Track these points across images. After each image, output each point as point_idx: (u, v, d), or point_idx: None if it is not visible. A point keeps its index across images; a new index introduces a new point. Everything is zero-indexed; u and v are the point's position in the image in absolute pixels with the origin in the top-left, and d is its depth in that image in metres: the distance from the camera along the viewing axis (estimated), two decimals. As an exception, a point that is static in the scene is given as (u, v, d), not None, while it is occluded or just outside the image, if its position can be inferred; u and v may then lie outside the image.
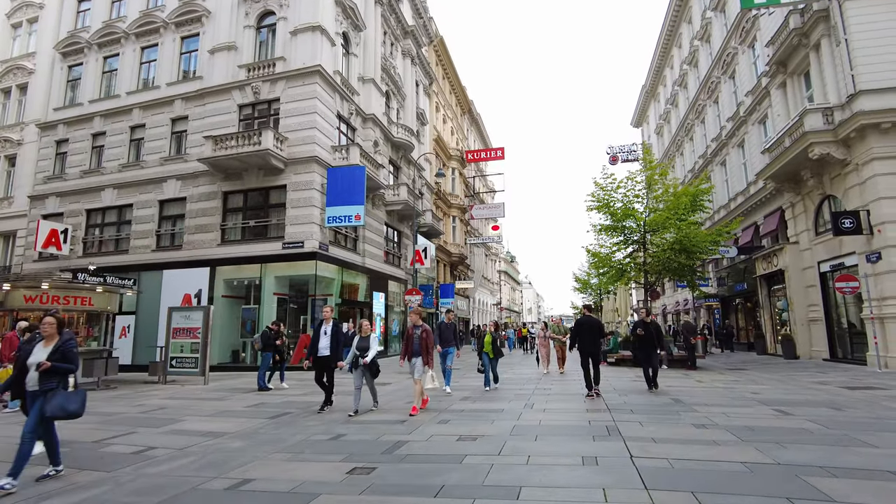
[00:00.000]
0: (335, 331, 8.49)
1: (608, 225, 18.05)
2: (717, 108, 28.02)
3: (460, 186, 41.47)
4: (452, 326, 11.17)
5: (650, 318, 10.70)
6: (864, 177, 14.63)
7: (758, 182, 22.22)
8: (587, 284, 39.96)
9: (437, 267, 34.12)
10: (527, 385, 11.28)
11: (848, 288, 14.16)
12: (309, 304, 18.48)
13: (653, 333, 10.25)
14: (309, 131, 18.63)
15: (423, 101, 33.16)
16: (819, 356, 17.53)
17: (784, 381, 11.46)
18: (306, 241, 17.68)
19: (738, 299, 26.28)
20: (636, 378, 12.54)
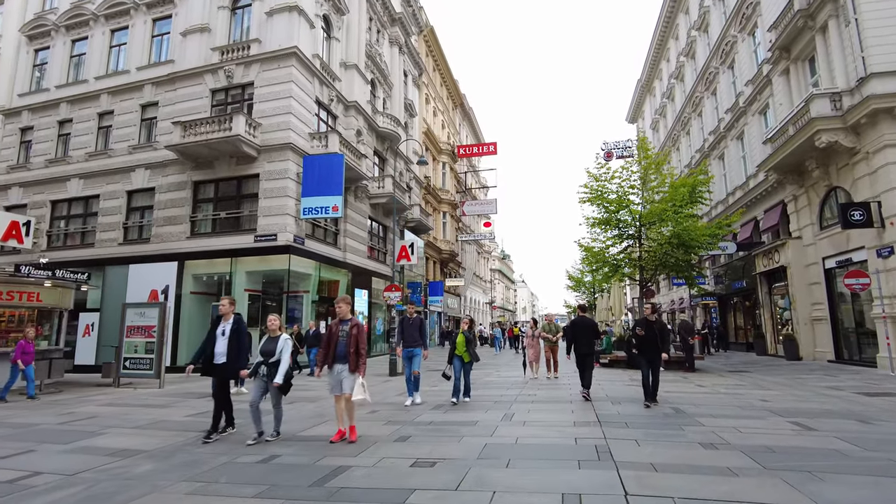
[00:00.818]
0: (236, 330, 6.48)
1: (602, 218, 16.99)
2: (716, 100, 27.04)
3: (451, 182, 40.39)
4: (418, 322, 9.29)
5: (655, 316, 8.53)
6: (875, 166, 13.64)
7: (758, 175, 21.25)
8: (580, 282, 38.95)
9: (425, 264, 33.03)
10: (510, 390, 10.20)
11: (858, 285, 13.18)
12: (284, 302, 17.37)
13: (656, 335, 8.16)
14: (284, 117, 17.47)
15: (412, 93, 32.05)
16: (823, 357, 16.56)
17: (793, 386, 10.44)
18: (280, 233, 16.54)
19: (736, 298, 25.32)
20: (631, 381, 11.49)
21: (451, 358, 8.99)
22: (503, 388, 10.68)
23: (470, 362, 8.94)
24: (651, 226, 16.40)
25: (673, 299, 35.75)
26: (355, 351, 5.89)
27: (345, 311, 6.22)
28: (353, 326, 6.03)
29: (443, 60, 39.42)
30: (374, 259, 23.90)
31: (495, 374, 13.91)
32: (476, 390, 10.27)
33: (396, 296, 14.98)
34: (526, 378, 12.46)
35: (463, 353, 8.84)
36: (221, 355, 6.31)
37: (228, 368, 6.32)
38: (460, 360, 8.86)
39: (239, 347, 6.39)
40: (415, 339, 9.11)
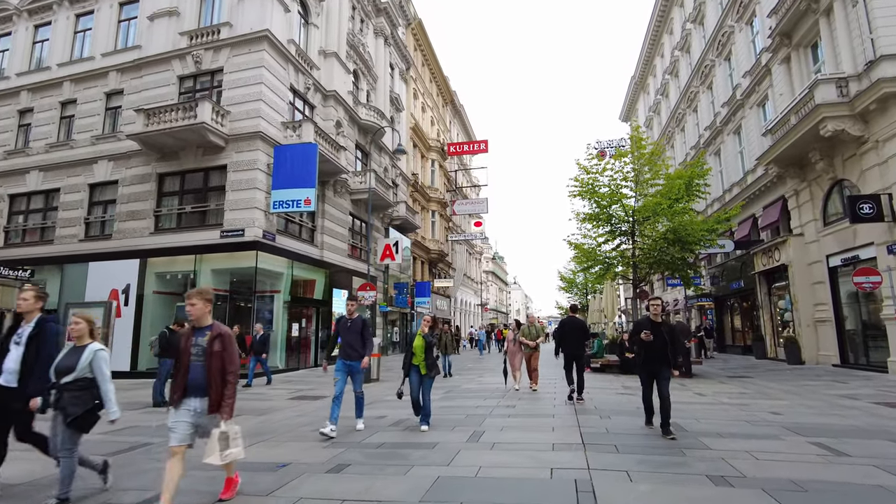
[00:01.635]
0: (36, 337, 4.21)
1: (593, 213, 15.93)
2: (712, 94, 26.12)
3: (441, 179, 39.31)
4: (360, 325, 6.77)
5: (663, 316, 6.51)
6: (886, 155, 12.67)
7: (756, 170, 20.31)
8: (573, 283, 37.95)
9: (412, 264, 31.90)
10: (487, 400, 9.08)
11: (868, 283, 12.18)
12: (254, 302, 16.20)
13: (666, 341, 6.07)
14: (254, 104, 16.34)
15: (400, 87, 30.96)
16: (828, 361, 15.58)
17: (801, 395, 9.41)
18: (247, 228, 15.38)
19: (734, 299, 24.35)
20: (624, 389, 10.42)
21: (407, 369, 6.77)
22: (480, 397, 9.56)
23: (428, 375, 6.64)
24: (645, 221, 15.36)
25: (668, 301, 34.79)
26: (219, 378, 3.74)
27: (200, 313, 3.89)
28: (215, 339, 3.80)
29: (432, 55, 38.36)
30: (357, 258, 22.75)
31: (477, 380, 12.82)
32: (450, 401, 9.18)
33: (372, 295, 13.88)
34: (507, 387, 10.98)
35: (421, 362, 6.66)
36: (11, 374, 4.12)
37: (16, 394, 4.08)
38: (417, 374, 6.68)
39: (38, 362, 4.12)
40: (354, 349, 6.63)
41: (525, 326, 10.94)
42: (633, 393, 9.66)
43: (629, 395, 9.48)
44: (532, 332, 10.69)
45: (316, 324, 18.57)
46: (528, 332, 10.73)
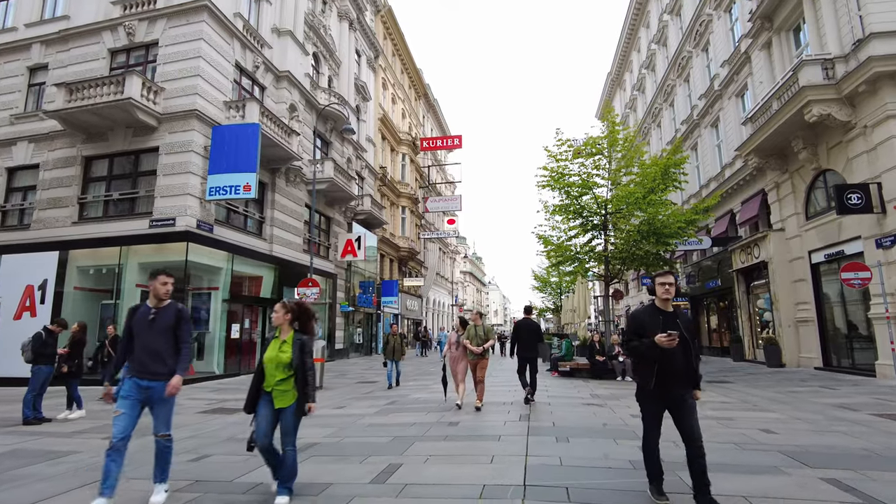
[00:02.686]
0: None
1: (562, 204, 14.68)
2: (688, 87, 25.26)
3: (412, 175, 37.84)
4: (170, 318, 4.07)
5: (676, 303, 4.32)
6: (875, 141, 11.68)
7: (734, 164, 19.39)
8: (546, 283, 36.87)
9: (380, 262, 30.40)
10: (428, 415, 7.55)
11: (857, 279, 11.15)
12: (188, 300, 14.54)
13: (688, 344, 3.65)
14: (191, 80, 14.68)
15: (367, 75, 29.43)
16: (809, 364, 14.61)
17: (791, 404, 8.26)
18: (179, 217, 13.73)
19: (710, 298, 23.44)
20: (592, 398, 9.14)
21: (252, 400, 4.01)
22: (423, 410, 8.09)
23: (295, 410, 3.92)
24: (618, 213, 14.16)
25: (642, 301, 33.93)
26: None
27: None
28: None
29: (403, 45, 36.90)
30: (315, 253, 21.13)
31: (430, 387, 11.37)
32: (385, 416, 7.73)
33: (314, 292, 12.39)
34: (448, 402, 8.74)
35: (276, 387, 3.88)
36: None
37: None
38: (269, 407, 3.91)
39: None
40: (156, 360, 3.93)
41: (471, 326, 8.48)
42: (601, 404, 8.37)
43: (597, 405, 8.19)
44: (479, 334, 8.32)
45: (263, 325, 16.95)
46: (473, 333, 8.36)
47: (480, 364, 8.31)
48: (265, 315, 17.07)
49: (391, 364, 11.81)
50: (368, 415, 7.71)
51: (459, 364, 8.42)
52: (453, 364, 8.48)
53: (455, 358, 8.46)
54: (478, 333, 8.38)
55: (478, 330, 8.44)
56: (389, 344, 11.83)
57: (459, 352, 8.41)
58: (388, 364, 11.83)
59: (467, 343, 8.29)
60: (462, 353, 8.40)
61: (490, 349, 8.47)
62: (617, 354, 12.57)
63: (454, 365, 8.47)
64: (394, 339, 11.81)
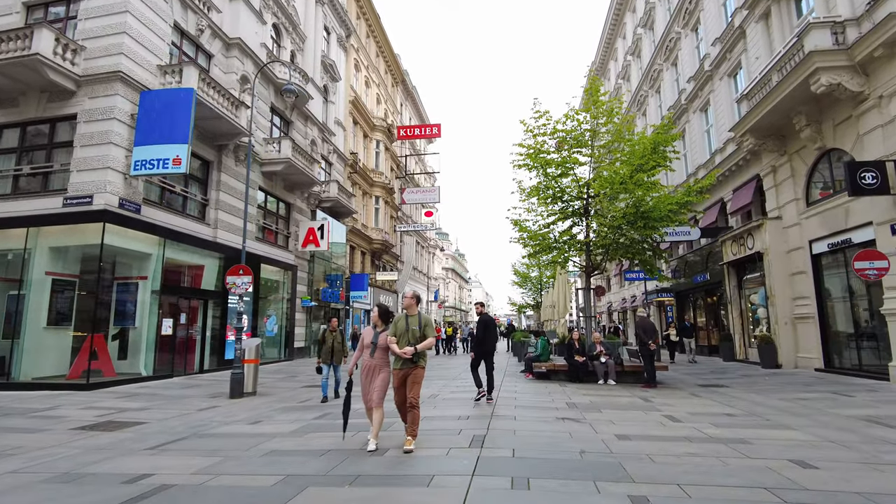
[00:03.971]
0: None
1: (540, 185, 13.05)
2: (676, 71, 23.89)
3: (387, 163, 36.02)
4: None
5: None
6: (893, 113, 10.26)
7: (725, 149, 18.04)
8: (526, 278, 35.37)
9: (350, 253, 28.57)
10: (348, 442, 5.45)
11: (873, 270, 9.72)
12: (113, 291, 12.65)
13: None
14: (115, 38, 12.74)
15: (337, 54, 27.52)
16: (809, 365, 13.25)
17: (807, 415, 6.76)
18: (97, 194, 11.82)
19: (697, 293, 22.11)
20: (568, 410, 7.53)
21: None
22: (351, 430, 5.64)
23: None
24: (602, 195, 12.58)
25: (625, 297, 32.67)
26: None
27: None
28: None
29: (379, 27, 35.00)
30: (272, 242, 19.29)
31: None
32: (302, 437, 5.98)
33: (245, 281, 10.63)
34: (345, 439, 5.61)
35: None
36: None
37: None
38: None
39: None
40: None
41: (400, 317, 5.51)
42: (579, 418, 6.76)
43: (573, 420, 6.58)
44: (411, 329, 5.33)
45: (203, 319, 15.06)
46: (404, 327, 5.35)
47: (413, 377, 5.22)
48: (207, 308, 15.19)
49: (327, 369, 9.18)
50: (280, 435, 5.99)
51: (376, 378, 5.31)
52: (366, 378, 5.38)
53: (370, 368, 5.37)
54: (410, 327, 5.30)
55: (410, 322, 5.35)
56: (326, 343, 9.22)
57: (377, 359, 5.36)
58: (324, 369, 9.17)
59: (392, 343, 5.27)
60: (382, 361, 5.40)
61: (425, 353, 5.46)
62: (598, 354, 11.01)
63: (367, 379, 5.37)
64: (331, 338, 9.22)
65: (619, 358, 11.20)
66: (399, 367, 5.35)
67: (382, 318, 5.59)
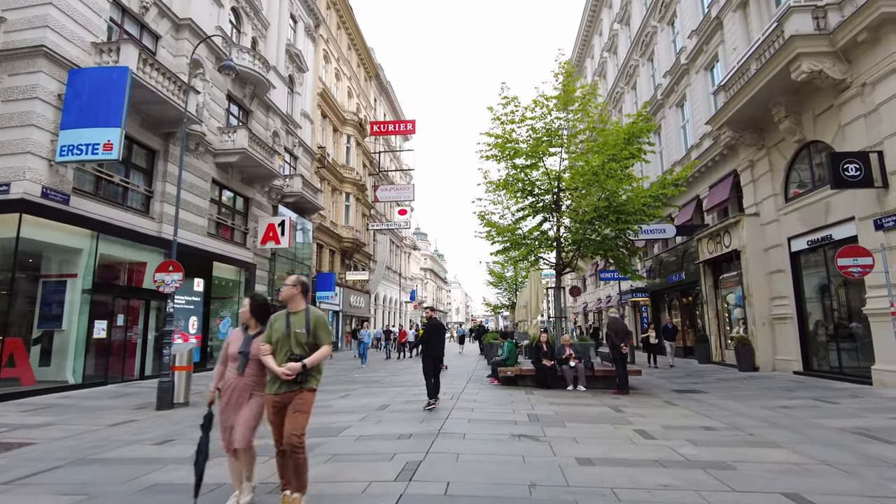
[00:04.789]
0: None
1: (509, 178, 12.21)
2: (652, 66, 23.38)
3: (359, 159, 34.93)
4: None
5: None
6: (877, 101, 9.69)
7: (702, 144, 17.50)
8: (501, 278, 34.63)
9: (318, 252, 27.43)
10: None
11: (856, 267, 9.10)
12: (38, 290, 11.42)
13: None
14: (40, 9, 11.49)
15: (305, 44, 26.36)
16: (787, 368, 12.68)
17: (794, 428, 6.05)
18: (14, 181, 10.58)
19: (672, 293, 21.58)
20: (527, 425, 6.67)
21: None
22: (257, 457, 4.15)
23: None
24: (574, 189, 11.79)
25: (600, 297, 32.15)
26: None
27: None
28: None
29: (351, 19, 33.90)
30: (227, 239, 18.10)
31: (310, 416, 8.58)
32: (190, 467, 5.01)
33: (176, 279, 9.56)
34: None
35: None
36: None
37: None
38: None
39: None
40: None
41: (277, 317, 3.65)
42: (537, 435, 5.90)
43: (531, 438, 5.71)
44: (294, 334, 3.53)
45: (145, 321, 13.84)
46: (282, 331, 3.54)
47: (295, 404, 3.47)
48: (148, 309, 13.98)
49: None
50: (179, 461, 4.96)
51: (245, 406, 3.67)
52: (228, 406, 3.71)
53: (235, 392, 3.68)
54: (292, 330, 3.52)
55: (292, 322, 3.56)
56: None
57: (248, 377, 3.69)
58: None
59: (266, 354, 3.52)
60: (255, 380, 3.70)
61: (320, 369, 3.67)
62: (568, 358, 10.20)
63: (230, 408, 3.70)
64: None
65: (589, 362, 10.41)
66: (276, 392, 3.47)
67: (257, 316, 3.83)
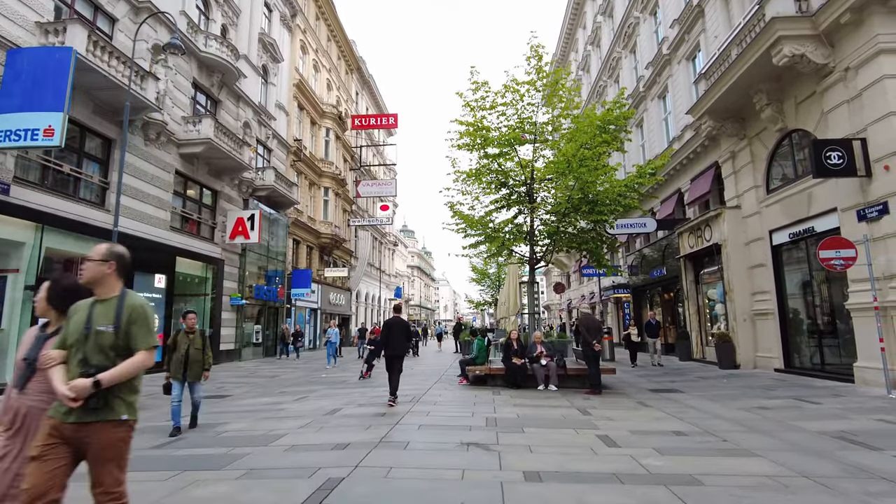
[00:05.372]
0: None
1: (481, 168, 11.63)
2: (635, 58, 22.96)
3: (338, 153, 34.16)
4: None
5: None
6: (860, 86, 9.25)
7: (683, 136, 17.06)
8: (484, 274, 34.12)
9: (295, 249, 26.69)
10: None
11: (839, 260, 8.67)
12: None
13: None
14: (-24, -16, 10.70)
15: (280, 34, 25.57)
16: (768, 365, 12.28)
17: (772, 433, 5.58)
18: (-57, 169, 9.80)
19: (653, 289, 21.20)
20: (483, 431, 6.12)
21: None
22: None
23: None
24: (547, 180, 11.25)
25: (584, 294, 31.78)
26: None
27: None
28: None
29: (330, 9, 33.08)
30: (193, 233, 17.34)
31: (234, 426, 7.92)
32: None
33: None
34: None
35: None
36: None
37: None
38: None
39: None
40: None
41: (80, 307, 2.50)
42: (489, 443, 5.33)
43: (480, 449, 5.14)
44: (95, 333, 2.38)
45: (99, 319, 13.07)
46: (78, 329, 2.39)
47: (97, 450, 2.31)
48: (103, 307, 13.22)
49: (179, 388, 6.37)
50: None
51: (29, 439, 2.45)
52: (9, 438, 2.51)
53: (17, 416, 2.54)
54: (93, 329, 2.40)
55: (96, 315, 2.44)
56: (178, 350, 6.39)
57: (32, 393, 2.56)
58: (174, 388, 6.37)
59: (51, 363, 2.39)
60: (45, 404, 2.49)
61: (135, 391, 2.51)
62: (539, 356, 9.67)
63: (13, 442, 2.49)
64: (186, 342, 6.42)
65: (561, 360, 9.88)
66: (63, 418, 2.29)
67: (57, 306, 2.71)
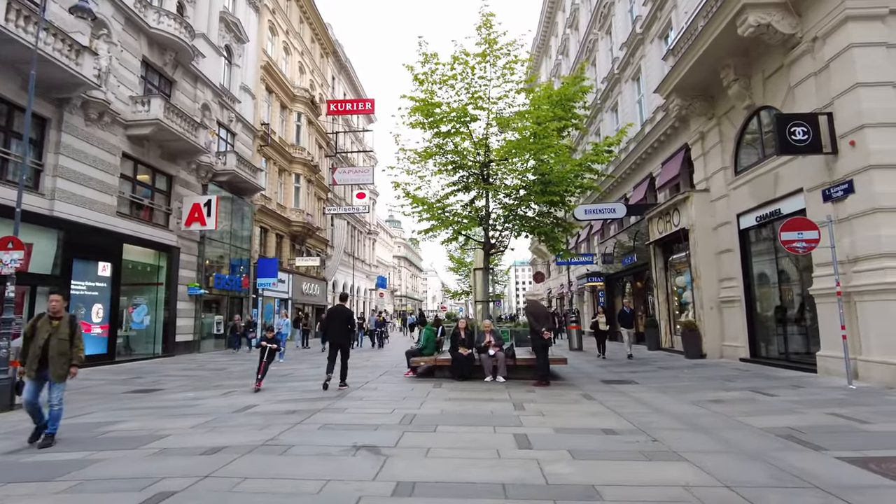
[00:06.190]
0: None
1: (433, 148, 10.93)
2: (611, 40, 22.30)
3: (311, 139, 33.21)
4: None
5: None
6: (827, 56, 8.67)
7: (655, 118, 16.48)
8: (462, 263, 33.55)
9: (262, 236, 25.83)
10: None
11: (801, 242, 8.12)
12: None
13: None
14: None
15: (246, 14, 24.51)
16: (735, 355, 11.81)
17: (708, 430, 5.05)
18: None
19: (626, 277, 20.71)
20: (392, 428, 5.48)
21: None
22: None
23: None
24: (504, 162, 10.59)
25: (562, 283, 31.29)
26: None
27: None
28: None
29: (302, -11, 31.96)
30: (145, 220, 16.47)
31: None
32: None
33: (16, 257, 8.12)
34: None
35: None
36: None
37: None
38: None
39: None
40: None
41: None
42: (382, 448, 4.70)
43: (369, 452, 4.50)
44: None
45: (31, 310, 12.26)
46: None
47: None
48: (34, 297, 12.40)
49: (32, 388, 5.11)
50: None
51: None
52: None
53: None
54: None
55: None
56: (35, 340, 5.11)
57: None
58: (27, 387, 5.15)
59: None
60: None
61: None
62: (486, 346, 9.07)
63: None
64: (47, 330, 5.13)
65: (511, 350, 9.29)
66: None
67: None
